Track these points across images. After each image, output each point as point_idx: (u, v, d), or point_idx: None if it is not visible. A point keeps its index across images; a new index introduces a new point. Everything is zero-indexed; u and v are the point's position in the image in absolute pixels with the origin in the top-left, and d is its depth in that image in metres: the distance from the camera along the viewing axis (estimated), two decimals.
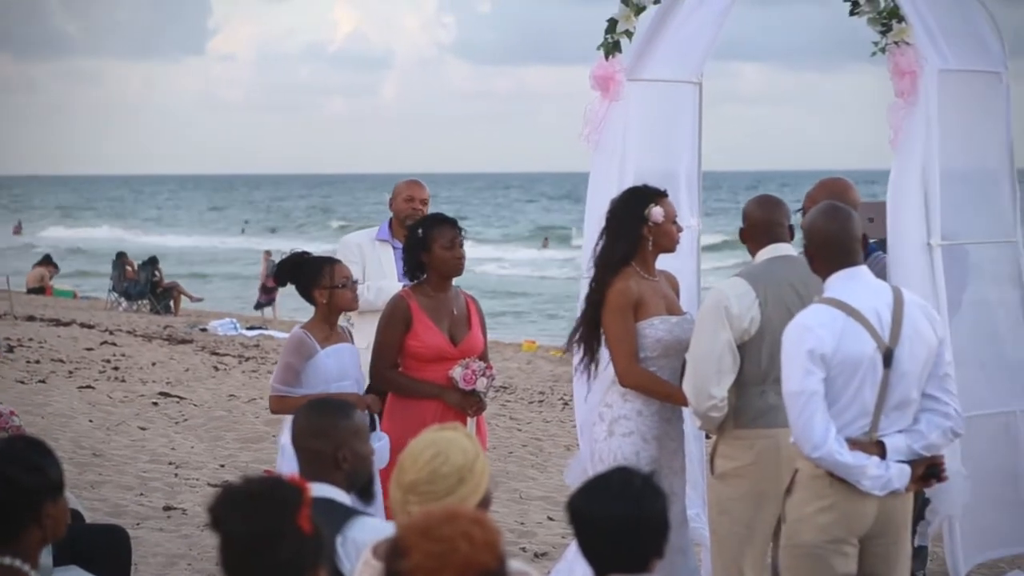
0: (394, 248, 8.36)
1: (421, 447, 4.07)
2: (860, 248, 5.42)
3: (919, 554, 7.36)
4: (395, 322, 7.09)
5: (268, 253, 31.60)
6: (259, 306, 30.06)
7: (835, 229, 5.38)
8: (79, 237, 66.22)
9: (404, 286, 7.97)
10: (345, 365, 6.89)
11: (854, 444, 5.26)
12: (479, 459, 4.08)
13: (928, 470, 5.38)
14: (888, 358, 5.27)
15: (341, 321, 7.14)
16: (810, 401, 5.20)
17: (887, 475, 5.28)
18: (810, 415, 5.20)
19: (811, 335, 5.23)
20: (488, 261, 48.40)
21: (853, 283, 5.35)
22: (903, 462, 5.31)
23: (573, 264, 48.69)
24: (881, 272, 6.52)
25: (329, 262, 6.99)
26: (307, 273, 6.92)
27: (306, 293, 6.95)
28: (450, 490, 4.02)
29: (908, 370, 5.30)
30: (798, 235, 6.38)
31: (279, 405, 6.89)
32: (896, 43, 6.73)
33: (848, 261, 5.37)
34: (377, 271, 8.33)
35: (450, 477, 4.03)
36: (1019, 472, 7.16)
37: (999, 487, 7.06)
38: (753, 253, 6.24)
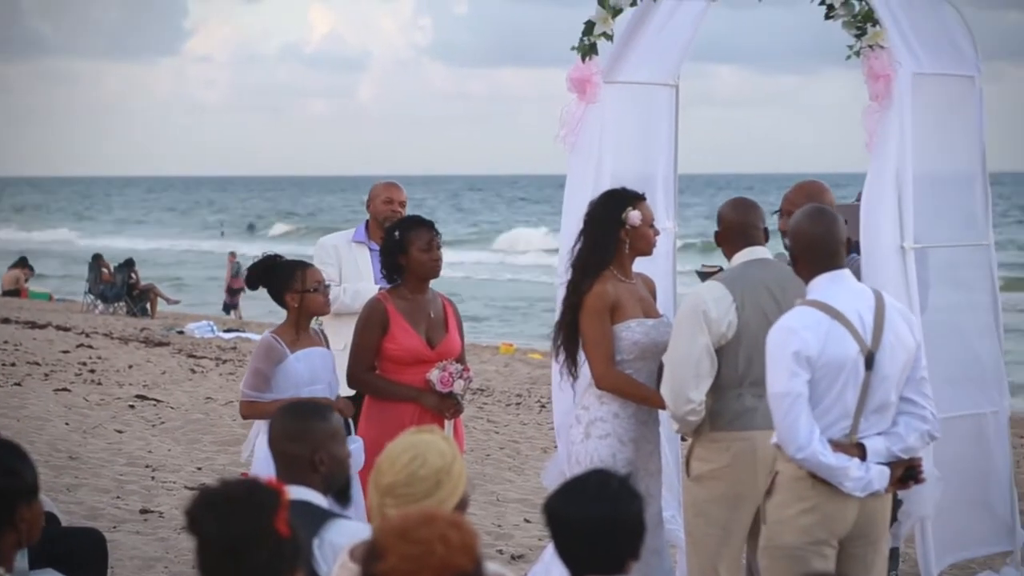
0: (371, 250, 8.33)
1: (399, 450, 4.09)
2: (844, 251, 5.47)
3: (891, 555, 7.39)
4: (372, 325, 7.09)
5: (233, 255, 31.59)
6: (227, 308, 30.10)
7: (820, 232, 5.42)
8: (32, 239, 65.47)
9: (380, 289, 7.98)
10: (316, 369, 6.89)
11: (835, 446, 5.30)
12: (456, 462, 4.09)
13: (906, 472, 5.42)
14: (870, 361, 5.31)
15: (312, 324, 7.14)
16: (795, 403, 5.23)
17: (868, 477, 5.32)
18: (795, 417, 5.23)
19: (796, 337, 5.26)
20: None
21: (836, 286, 5.39)
22: (881, 464, 5.35)
23: (498, 266, 48.75)
24: (855, 274, 6.55)
25: (301, 266, 6.99)
26: (279, 277, 6.92)
27: (278, 297, 6.94)
28: (428, 493, 4.03)
29: (888, 373, 5.34)
30: (775, 238, 6.41)
31: (249, 410, 6.89)
32: (871, 47, 6.76)
33: (832, 264, 5.41)
34: (354, 273, 8.32)
35: (428, 480, 4.04)
36: (990, 473, 7.20)
37: (970, 488, 7.09)
38: (728, 256, 6.27)
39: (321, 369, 6.91)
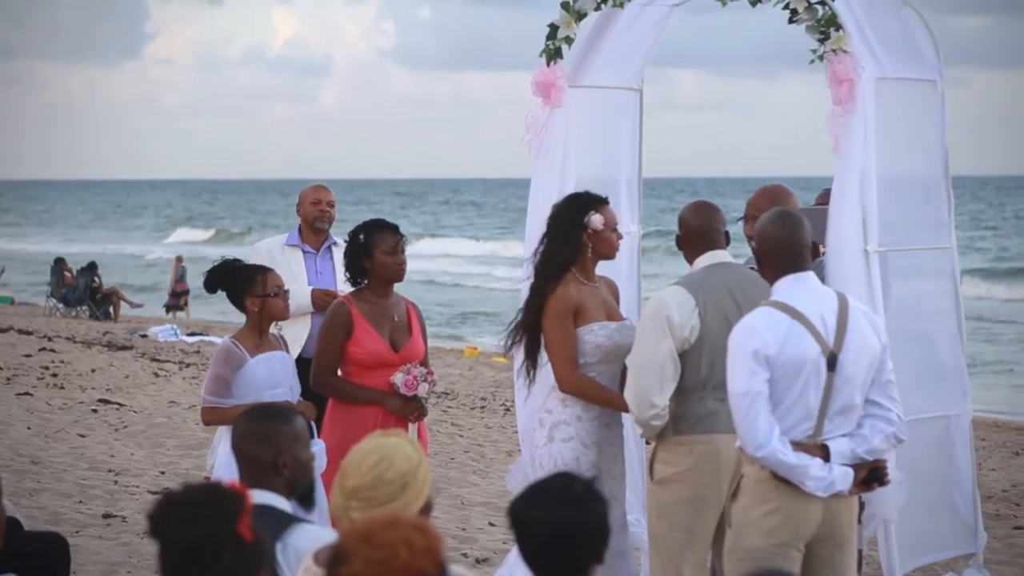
0: (304, 252, 8.57)
1: (365, 453, 4.08)
2: (809, 254, 5.49)
3: None
4: (336, 328, 7.09)
5: (180, 259, 31.60)
6: (168, 309, 30.22)
7: (786, 236, 5.44)
8: None
9: (312, 289, 8.15)
10: (276, 373, 6.88)
11: (798, 447, 5.32)
12: (423, 466, 4.10)
13: (871, 474, 5.44)
14: (832, 362, 5.33)
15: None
16: (755, 402, 5.26)
17: (830, 477, 5.33)
18: (755, 415, 5.26)
19: (755, 336, 5.29)
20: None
21: (800, 288, 5.41)
22: (846, 466, 5.37)
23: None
24: (819, 277, 6.58)
25: (262, 271, 6.98)
26: (239, 281, 6.91)
27: (237, 301, 6.93)
28: (393, 496, 4.03)
29: (852, 375, 5.37)
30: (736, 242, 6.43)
31: (211, 416, 6.88)
32: (834, 51, 6.79)
33: (796, 266, 5.44)
34: (288, 276, 8.39)
35: (394, 483, 4.04)
36: (953, 476, 7.23)
37: (934, 491, 7.12)
38: (690, 260, 6.28)
39: (281, 373, 6.91)
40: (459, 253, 55.51)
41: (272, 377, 6.86)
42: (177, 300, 30.35)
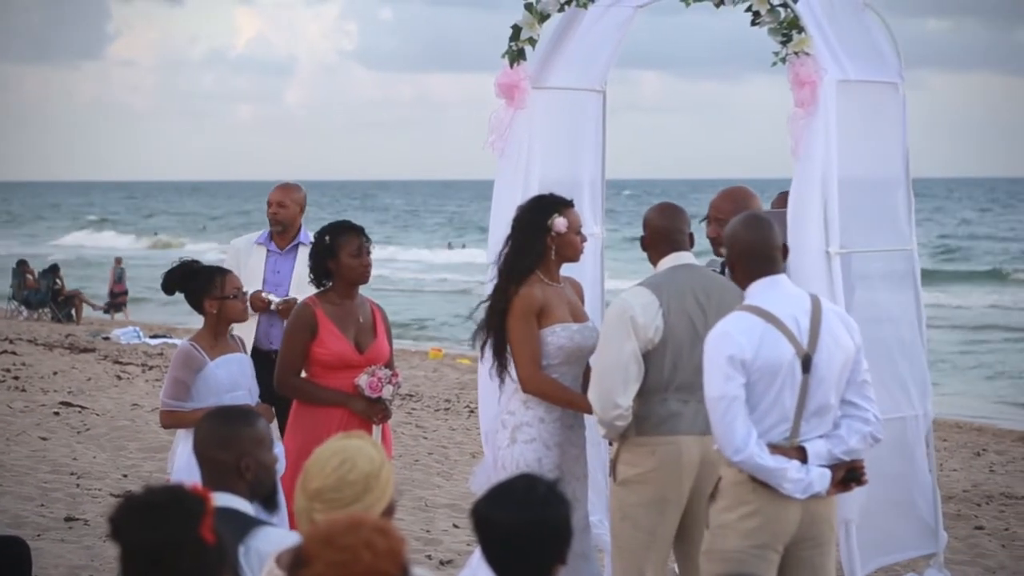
0: (268, 251, 8.77)
1: (327, 454, 4.08)
2: (780, 257, 5.50)
3: None
4: (300, 330, 7.08)
5: (119, 260, 31.51)
6: (105, 310, 30.17)
7: (757, 239, 5.45)
8: None
9: (254, 292, 8.24)
10: (235, 375, 6.86)
11: (775, 449, 5.33)
12: (385, 467, 4.09)
13: (848, 474, 5.46)
14: (807, 364, 5.35)
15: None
16: (731, 406, 5.27)
17: (808, 479, 5.35)
18: (731, 420, 5.27)
19: (730, 341, 5.30)
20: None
21: (773, 291, 5.43)
22: (824, 467, 5.39)
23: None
24: None
25: (220, 272, 6.97)
26: (198, 283, 6.90)
27: (196, 303, 6.92)
28: (356, 497, 4.02)
29: (825, 376, 5.38)
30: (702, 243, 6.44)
31: (170, 420, 6.86)
32: (796, 53, 6.81)
33: (768, 270, 5.45)
34: (246, 274, 8.46)
35: (356, 484, 4.03)
36: (914, 476, 7.27)
37: (895, 492, 7.15)
38: (654, 261, 6.29)
39: (240, 375, 6.89)
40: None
41: (231, 379, 6.84)
42: (115, 301, 30.33)
